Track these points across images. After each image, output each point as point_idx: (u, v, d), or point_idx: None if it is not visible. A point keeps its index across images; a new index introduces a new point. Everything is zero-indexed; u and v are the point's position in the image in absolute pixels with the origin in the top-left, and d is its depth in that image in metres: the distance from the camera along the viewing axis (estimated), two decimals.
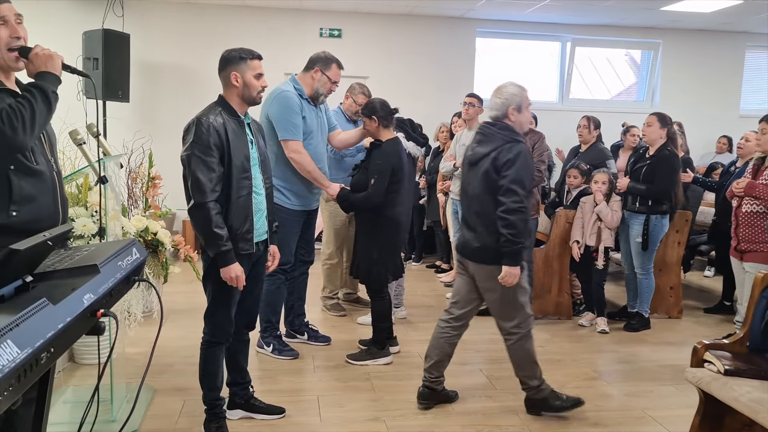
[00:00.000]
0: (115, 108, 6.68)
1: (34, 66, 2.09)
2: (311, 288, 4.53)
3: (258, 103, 2.87)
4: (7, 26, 2.09)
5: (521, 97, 3.18)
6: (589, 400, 3.49)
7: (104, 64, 6.27)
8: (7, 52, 2.10)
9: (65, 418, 3.03)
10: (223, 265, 2.69)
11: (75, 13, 7.12)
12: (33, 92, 2.02)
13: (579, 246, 4.77)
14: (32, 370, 1.19)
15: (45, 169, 2.16)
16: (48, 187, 2.17)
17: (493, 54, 8.57)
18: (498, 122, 3.19)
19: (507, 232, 3.00)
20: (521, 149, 3.07)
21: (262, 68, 2.82)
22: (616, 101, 8.92)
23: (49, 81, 2.08)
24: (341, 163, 4.54)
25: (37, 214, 2.12)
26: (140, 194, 4.91)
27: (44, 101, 2.03)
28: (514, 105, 3.15)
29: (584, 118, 5.44)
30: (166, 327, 1.92)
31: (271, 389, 3.56)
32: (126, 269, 1.75)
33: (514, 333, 3.21)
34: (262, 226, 2.89)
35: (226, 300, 2.81)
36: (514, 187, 3.00)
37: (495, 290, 3.15)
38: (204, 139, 2.63)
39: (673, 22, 8.00)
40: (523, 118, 3.21)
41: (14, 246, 1.34)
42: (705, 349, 2.88)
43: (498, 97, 3.19)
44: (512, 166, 3.02)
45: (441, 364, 3.36)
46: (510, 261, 3.04)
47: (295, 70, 4.11)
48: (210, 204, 2.63)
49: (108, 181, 2.77)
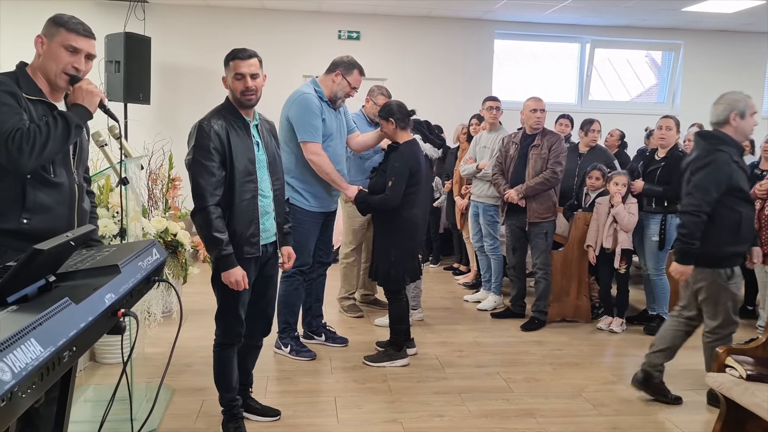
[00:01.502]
0: (136, 110, 6.77)
1: (74, 96, 2.23)
2: (329, 289, 4.54)
3: (246, 106, 2.72)
4: (74, 55, 2.22)
5: (745, 103, 3.22)
6: (608, 405, 3.47)
7: (125, 67, 6.36)
8: (62, 74, 2.22)
9: (86, 417, 3.07)
10: (224, 269, 2.66)
11: (97, 16, 7.20)
12: (57, 120, 2.12)
13: (594, 249, 4.74)
14: (55, 368, 1.21)
15: (64, 181, 2.22)
16: (65, 198, 2.23)
17: (512, 56, 8.54)
18: (711, 131, 3.28)
19: (680, 231, 3.22)
20: (716, 158, 3.15)
21: (243, 68, 2.67)
22: (636, 103, 8.84)
23: (78, 114, 2.19)
24: (362, 165, 4.55)
25: (51, 224, 2.16)
26: (160, 195, 4.96)
27: (64, 131, 2.11)
28: (737, 111, 3.20)
29: (596, 122, 5.47)
30: (186, 327, 1.94)
31: (289, 390, 3.58)
32: (146, 270, 1.77)
33: (715, 333, 3.30)
34: (271, 228, 2.87)
35: (233, 302, 2.79)
36: (695, 191, 3.15)
37: (702, 290, 3.30)
38: (204, 144, 2.61)
39: (694, 22, 7.91)
40: (745, 125, 3.25)
41: (38, 246, 1.36)
42: (726, 353, 2.84)
43: (720, 103, 3.25)
44: (700, 171, 3.15)
45: (665, 353, 3.48)
46: (679, 258, 3.24)
47: (314, 72, 4.13)
48: (210, 208, 2.60)
49: (129, 183, 2.80)
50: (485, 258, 5.45)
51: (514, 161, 4.85)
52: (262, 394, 3.45)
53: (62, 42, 2.20)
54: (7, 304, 1.32)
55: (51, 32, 2.22)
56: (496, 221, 5.32)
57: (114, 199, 3.58)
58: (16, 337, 1.12)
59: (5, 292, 1.33)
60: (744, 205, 3.18)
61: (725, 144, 3.17)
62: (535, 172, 4.68)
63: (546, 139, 4.72)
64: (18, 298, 1.35)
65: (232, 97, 2.75)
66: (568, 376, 3.90)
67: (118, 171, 2.75)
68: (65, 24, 2.21)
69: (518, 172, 4.80)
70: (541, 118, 4.76)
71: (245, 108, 2.75)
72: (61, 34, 2.20)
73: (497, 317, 5.10)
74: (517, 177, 4.79)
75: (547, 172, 4.64)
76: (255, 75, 2.70)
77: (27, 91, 2.17)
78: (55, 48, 2.20)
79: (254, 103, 2.74)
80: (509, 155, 4.91)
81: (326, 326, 4.41)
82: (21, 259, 1.36)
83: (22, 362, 1.09)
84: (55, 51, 2.20)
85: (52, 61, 2.21)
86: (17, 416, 1.12)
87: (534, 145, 4.74)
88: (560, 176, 4.68)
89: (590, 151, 5.44)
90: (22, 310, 1.29)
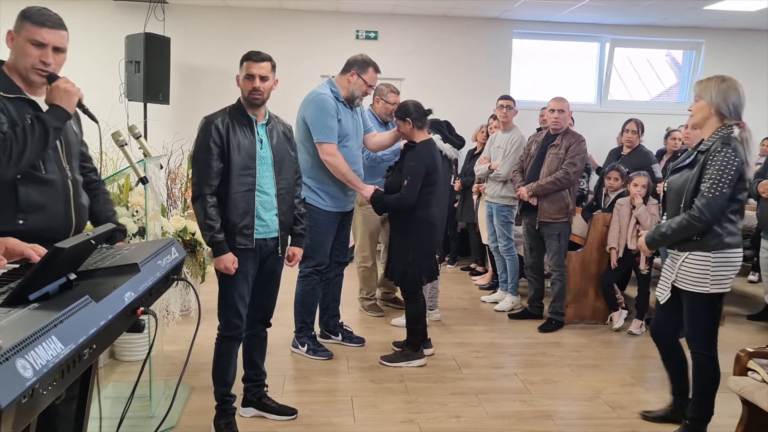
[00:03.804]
0: (156, 110, 6.82)
1: (51, 96, 2.13)
2: (346, 289, 4.55)
3: (254, 105, 2.85)
4: (40, 49, 2.12)
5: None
6: (626, 407, 3.43)
7: (145, 67, 6.42)
8: (33, 69, 2.13)
9: (105, 414, 3.09)
10: (215, 254, 2.81)
11: (117, 17, 7.29)
12: (35, 125, 2.04)
13: (617, 252, 4.70)
14: (75, 365, 1.22)
15: (56, 178, 2.17)
16: (59, 195, 2.17)
17: (530, 55, 8.49)
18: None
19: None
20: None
21: (253, 69, 2.81)
22: (656, 102, 8.74)
23: (56, 116, 2.10)
24: (378, 167, 4.54)
25: (48, 223, 2.13)
26: (179, 195, 5.00)
27: (42, 137, 2.05)
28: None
29: (632, 122, 5.39)
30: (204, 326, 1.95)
31: (305, 389, 3.59)
32: (165, 268, 1.78)
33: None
34: (272, 224, 2.92)
35: (230, 294, 2.89)
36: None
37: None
38: (205, 138, 2.79)
39: (716, 21, 7.80)
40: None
41: (59, 245, 1.37)
42: (748, 357, 2.80)
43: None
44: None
45: None
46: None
47: (332, 72, 4.13)
48: (206, 197, 2.77)
49: (148, 182, 2.83)
50: (501, 259, 5.43)
51: (532, 160, 4.83)
52: (278, 393, 3.46)
53: (28, 36, 2.11)
54: (29, 301, 1.34)
55: (18, 27, 2.14)
56: (510, 222, 5.29)
57: (134, 198, 3.61)
58: (37, 334, 1.13)
59: (27, 290, 1.35)
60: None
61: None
62: (550, 171, 4.65)
63: (565, 140, 4.68)
64: (39, 295, 1.37)
65: (242, 96, 2.88)
66: (586, 377, 3.87)
67: (137, 170, 2.77)
68: (30, 17, 2.12)
69: (534, 170, 4.78)
70: (559, 119, 4.71)
71: (252, 107, 2.87)
72: (26, 28, 2.12)
73: (515, 318, 5.07)
74: (533, 175, 4.77)
75: (560, 172, 4.60)
76: (265, 78, 2.83)
77: (4, 89, 2.11)
78: (22, 43, 2.12)
79: (260, 103, 2.86)
80: (530, 154, 4.89)
81: (343, 326, 4.42)
82: (42, 258, 1.37)
83: (43, 359, 1.10)
84: (22, 46, 2.12)
85: (21, 57, 2.13)
86: (38, 413, 1.13)
87: (553, 145, 4.71)
88: (573, 177, 4.63)
89: (631, 153, 5.34)
90: (44, 307, 1.31)
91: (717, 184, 2.76)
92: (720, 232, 2.83)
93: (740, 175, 2.79)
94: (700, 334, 2.94)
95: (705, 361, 2.95)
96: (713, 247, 2.83)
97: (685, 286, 2.91)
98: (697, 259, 2.87)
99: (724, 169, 2.76)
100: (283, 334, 4.21)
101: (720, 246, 2.84)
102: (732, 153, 2.77)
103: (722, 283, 2.86)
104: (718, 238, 2.83)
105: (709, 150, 2.83)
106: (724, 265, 2.85)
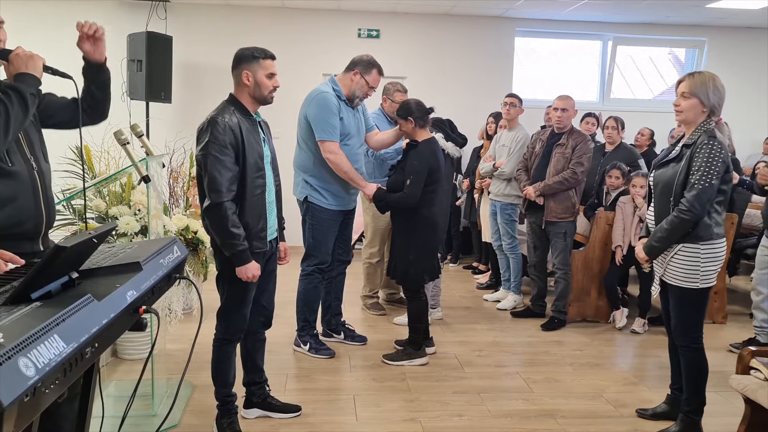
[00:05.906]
0: (158, 109, 6.82)
1: (14, 67, 2.04)
2: (349, 288, 4.55)
3: (269, 103, 2.82)
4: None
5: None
6: (629, 406, 3.43)
7: (147, 66, 6.41)
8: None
9: (108, 412, 3.09)
10: (239, 264, 2.68)
11: (119, 16, 7.29)
12: (10, 95, 1.95)
13: (622, 249, 4.69)
14: (77, 364, 1.22)
15: (21, 170, 2.07)
16: (27, 187, 2.08)
17: (532, 53, 8.47)
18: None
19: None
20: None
21: (274, 68, 2.80)
22: (659, 101, 8.72)
23: (27, 83, 2.01)
24: (382, 165, 4.54)
25: (18, 217, 2.05)
26: (181, 193, 5.00)
27: (21, 104, 1.96)
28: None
29: (611, 119, 5.53)
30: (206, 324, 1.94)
31: (308, 388, 3.59)
32: (167, 267, 1.78)
33: None
34: (274, 224, 2.93)
35: (241, 299, 2.82)
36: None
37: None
38: (220, 139, 2.62)
39: (719, 19, 7.78)
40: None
41: (61, 243, 1.37)
42: (751, 355, 2.79)
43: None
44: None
45: None
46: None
47: (334, 70, 4.13)
48: (227, 204, 2.62)
49: (151, 181, 2.83)
50: (504, 257, 5.42)
51: (537, 158, 4.82)
52: (281, 391, 3.46)
53: None
54: (31, 300, 1.34)
55: None
56: (514, 220, 5.28)
57: (136, 196, 3.61)
58: (39, 332, 1.13)
59: (30, 289, 1.35)
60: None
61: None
62: (556, 170, 4.64)
63: (572, 139, 4.67)
64: (42, 294, 1.37)
65: (251, 93, 2.79)
66: (589, 376, 3.87)
67: (140, 169, 2.77)
68: None
69: (540, 169, 4.76)
70: (562, 117, 4.70)
71: (264, 104, 2.84)
72: None
73: (517, 317, 5.07)
74: (539, 174, 4.75)
75: (567, 172, 4.60)
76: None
77: None
78: None
79: (272, 101, 2.84)
80: (534, 152, 4.88)
81: (345, 324, 4.42)
82: (45, 257, 1.37)
83: (45, 358, 1.10)
84: None
85: None
86: (40, 411, 1.13)
87: (559, 144, 4.70)
88: (580, 177, 4.63)
89: (615, 150, 5.37)
90: (46, 306, 1.31)
91: (706, 176, 2.81)
92: (709, 223, 2.89)
93: (726, 167, 2.85)
94: (688, 327, 3.00)
95: (693, 354, 3.02)
96: (703, 237, 2.88)
97: (675, 281, 2.96)
98: (688, 253, 2.91)
99: (711, 161, 2.81)
100: (285, 333, 4.21)
101: (709, 236, 2.89)
102: (718, 145, 2.83)
103: (710, 278, 2.92)
104: (707, 229, 2.89)
105: (696, 143, 2.88)
106: (713, 260, 2.91)
